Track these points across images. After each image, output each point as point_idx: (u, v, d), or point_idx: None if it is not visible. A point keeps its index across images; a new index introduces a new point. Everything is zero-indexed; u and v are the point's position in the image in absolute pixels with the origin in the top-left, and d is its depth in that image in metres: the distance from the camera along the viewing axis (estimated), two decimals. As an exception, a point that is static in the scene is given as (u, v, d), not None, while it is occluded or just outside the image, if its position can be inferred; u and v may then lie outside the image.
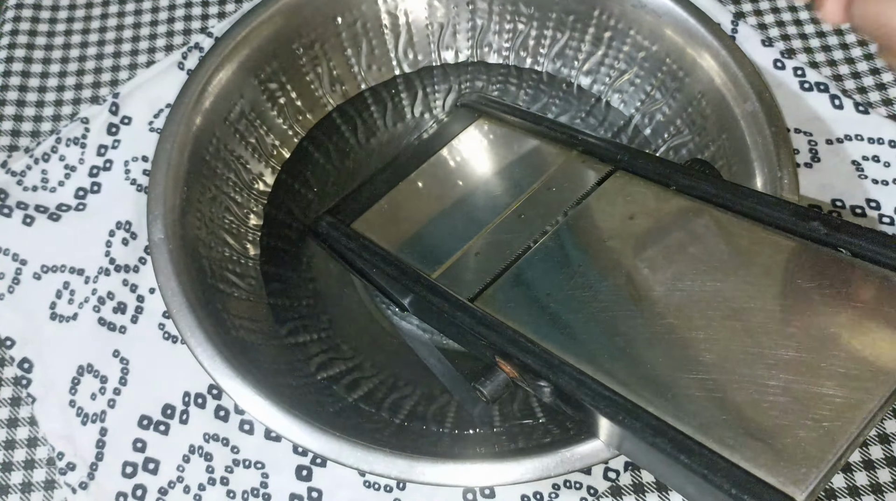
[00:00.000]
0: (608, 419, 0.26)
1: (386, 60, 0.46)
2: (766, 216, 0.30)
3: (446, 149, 0.40)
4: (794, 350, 0.25)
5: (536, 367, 0.28)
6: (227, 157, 0.41)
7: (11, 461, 0.41)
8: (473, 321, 0.30)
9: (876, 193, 0.44)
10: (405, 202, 0.38)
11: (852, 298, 0.27)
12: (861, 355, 0.25)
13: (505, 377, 0.30)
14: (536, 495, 0.38)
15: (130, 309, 0.43)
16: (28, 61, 0.51)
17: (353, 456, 0.31)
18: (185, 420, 0.41)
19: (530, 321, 0.30)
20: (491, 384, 0.30)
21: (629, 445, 0.27)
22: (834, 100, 0.47)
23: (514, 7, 0.45)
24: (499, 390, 0.30)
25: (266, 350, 0.37)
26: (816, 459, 0.22)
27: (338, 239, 0.37)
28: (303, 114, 0.44)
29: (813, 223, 0.29)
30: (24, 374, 0.42)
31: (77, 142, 0.47)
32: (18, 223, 0.45)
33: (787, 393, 0.24)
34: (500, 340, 0.29)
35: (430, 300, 0.32)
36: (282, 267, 0.42)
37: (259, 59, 0.41)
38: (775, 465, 0.22)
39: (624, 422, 0.25)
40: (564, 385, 0.27)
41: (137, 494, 0.39)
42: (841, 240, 0.28)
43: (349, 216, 0.38)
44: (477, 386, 0.30)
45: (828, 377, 0.24)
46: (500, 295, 0.32)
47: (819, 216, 0.29)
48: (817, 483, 0.22)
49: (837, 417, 0.23)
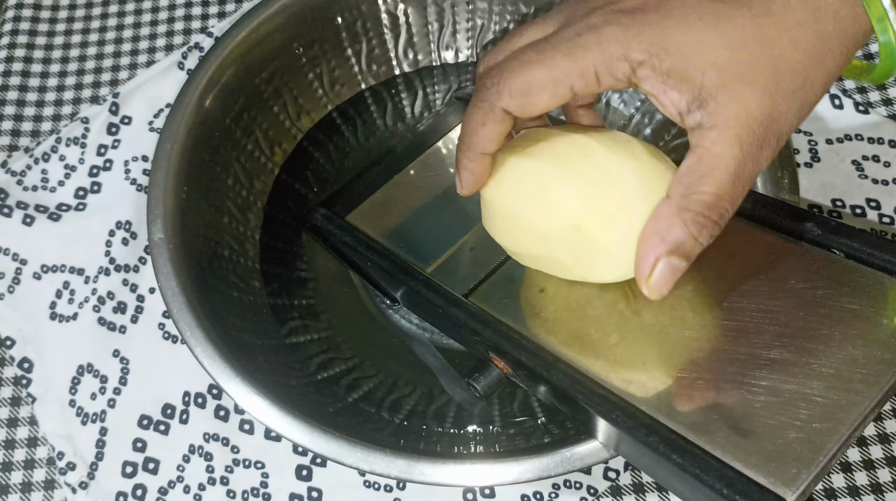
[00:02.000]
0: (601, 417, 0.26)
1: (386, 60, 0.46)
2: (761, 216, 0.30)
3: (442, 141, 0.40)
4: (787, 350, 0.26)
5: (530, 364, 0.28)
6: (227, 157, 0.41)
7: (11, 460, 0.41)
8: (467, 316, 0.30)
9: (876, 193, 0.44)
10: (400, 195, 0.38)
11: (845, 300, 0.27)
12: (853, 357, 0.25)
13: (499, 373, 0.30)
14: (536, 495, 0.38)
15: (130, 309, 0.43)
16: (28, 61, 0.51)
17: (352, 456, 0.31)
18: (185, 420, 0.41)
19: (523, 318, 0.30)
20: (484, 379, 0.30)
21: (624, 445, 0.27)
22: (834, 100, 0.47)
23: (514, 7, 0.45)
24: (492, 386, 0.30)
25: (266, 350, 0.37)
26: (807, 460, 0.22)
27: (331, 231, 0.36)
28: (303, 114, 0.44)
29: (807, 224, 0.29)
30: (24, 374, 0.42)
31: (77, 142, 0.47)
32: (18, 223, 0.45)
33: (779, 394, 0.24)
34: (494, 336, 0.29)
35: (424, 295, 0.32)
36: (282, 267, 0.42)
37: (259, 59, 0.41)
38: (766, 465, 0.23)
39: (617, 420, 0.25)
40: (557, 382, 0.27)
41: (137, 494, 0.39)
42: (835, 242, 0.28)
43: (343, 208, 0.37)
44: (470, 381, 0.30)
45: (820, 378, 0.24)
46: (494, 291, 0.32)
47: (813, 217, 0.29)
48: (807, 483, 0.22)
49: (829, 418, 0.23)
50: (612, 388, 0.26)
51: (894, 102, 0.48)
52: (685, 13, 0.22)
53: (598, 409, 0.26)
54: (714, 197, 0.23)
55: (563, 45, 0.23)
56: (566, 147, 0.26)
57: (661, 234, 0.24)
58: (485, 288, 0.32)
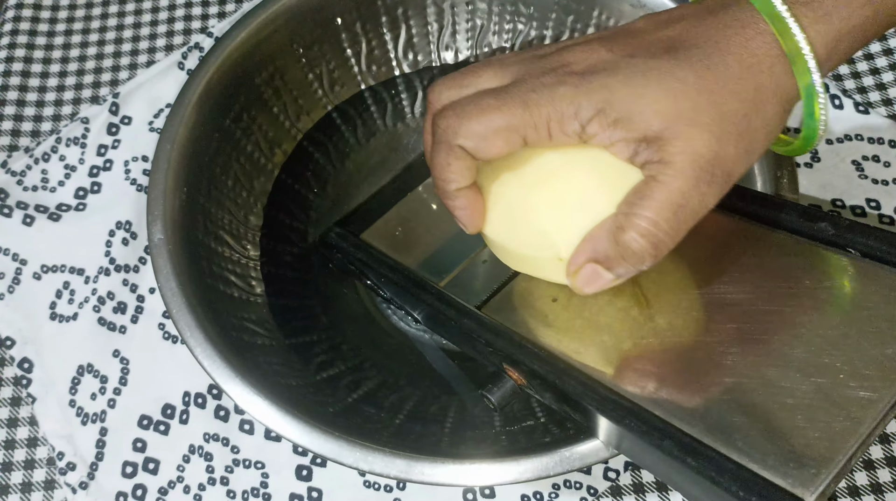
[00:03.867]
0: (615, 423, 0.26)
1: (386, 61, 0.46)
2: (773, 218, 0.30)
3: None
4: (803, 351, 0.25)
5: (543, 373, 0.28)
6: (226, 158, 0.41)
7: (11, 461, 0.41)
8: (480, 327, 0.30)
9: (876, 193, 0.45)
10: (413, 213, 0.38)
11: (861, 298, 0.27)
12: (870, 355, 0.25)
13: (513, 384, 0.30)
14: (536, 495, 0.39)
15: (130, 309, 0.43)
16: (28, 61, 0.51)
17: (352, 456, 0.31)
18: (185, 420, 0.41)
19: (537, 328, 0.30)
20: (499, 391, 0.30)
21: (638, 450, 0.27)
22: (834, 101, 0.47)
23: (514, 7, 0.45)
24: (506, 397, 0.30)
25: (266, 350, 0.37)
26: (826, 460, 0.22)
27: (347, 250, 0.37)
28: (302, 115, 0.44)
29: (821, 224, 0.29)
30: (24, 374, 0.42)
31: (77, 142, 0.47)
32: (18, 223, 0.45)
33: (796, 395, 0.24)
34: (507, 346, 0.29)
35: (438, 307, 0.32)
36: (281, 267, 0.42)
37: (259, 61, 0.41)
38: (784, 466, 0.22)
39: (631, 425, 0.25)
40: (571, 389, 0.27)
41: (137, 494, 0.39)
42: (849, 240, 0.28)
43: (357, 227, 0.38)
44: (485, 393, 0.30)
45: (837, 378, 0.24)
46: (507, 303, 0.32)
47: (827, 216, 0.29)
48: (827, 484, 0.22)
49: (847, 417, 0.23)
50: (625, 394, 0.26)
51: (894, 102, 0.48)
52: (630, 72, 0.23)
53: (611, 415, 0.26)
54: (650, 222, 0.24)
55: (519, 96, 0.25)
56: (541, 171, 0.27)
57: (594, 242, 0.26)
58: (498, 299, 0.32)
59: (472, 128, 0.25)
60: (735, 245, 0.26)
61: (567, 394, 0.27)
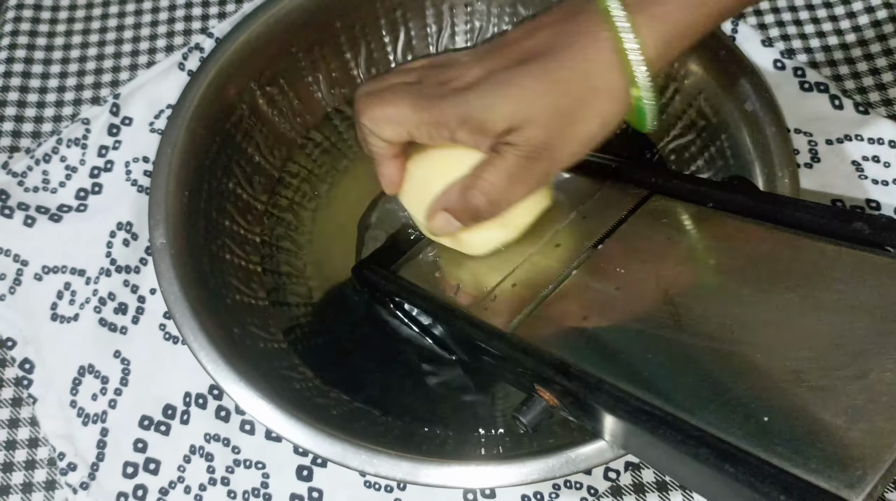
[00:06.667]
0: (649, 433, 0.25)
1: (385, 63, 0.46)
2: (807, 222, 0.30)
3: None
4: (843, 354, 0.24)
5: (574, 389, 0.27)
6: (227, 161, 0.41)
7: (12, 461, 0.41)
8: (509, 348, 0.30)
9: (876, 193, 0.45)
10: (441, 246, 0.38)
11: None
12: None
13: (545, 405, 0.30)
14: (537, 495, 0.39)
15: (131, 310, 0.43)
16: (28, 62, 0.51)
17: (357, 459, 0.31)
18: (186, 421, 0.41)
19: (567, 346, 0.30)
20: (531, 413, 0.30)
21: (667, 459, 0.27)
22: (834, 101, 0.47)
23: (513, 8, 0.45)
24: (538, 418, 0.30)
25: (269, 353, 0.37)
26: (873, 459, 0.21)
27: (377, 282, 0.39)
28: (302, 117, 0.44)
29: (856, 224, 0.28)
30: (25, 375, 0.42)
31: (78, 143, 0.47)
32: (19, 224, 0.45)
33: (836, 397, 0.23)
34: (537, 365, 0.29)
35: (468, 331, 0.33)
36: (283, 270, 0.42)
37: (259, 63, 0.41)
38: (828, 469, 0.21)
39: (666, 435, 0.24)
40: (603, 403, 0.26)
41: (138, 494, 0.39)
42: (888, 239, 0.27)
43: (388, 261, 0.40)
44: (517, 415, 0.30)
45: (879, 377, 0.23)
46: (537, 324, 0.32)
47: (862, 216, 0.28)
48: (874, 485, 0.21)
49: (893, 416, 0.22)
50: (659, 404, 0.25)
51: (894, 102, 0.48)
52: (488, 87, 0.29)
53: (645, 425, 0.25)
54: (489, 184, 0.31)
55: (410, 98, 0.31)
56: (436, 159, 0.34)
57: (448, 195, 0.32)
58: (528, 322, 0.32)
59: (370, 111, 0.31)
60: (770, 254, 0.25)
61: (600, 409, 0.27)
